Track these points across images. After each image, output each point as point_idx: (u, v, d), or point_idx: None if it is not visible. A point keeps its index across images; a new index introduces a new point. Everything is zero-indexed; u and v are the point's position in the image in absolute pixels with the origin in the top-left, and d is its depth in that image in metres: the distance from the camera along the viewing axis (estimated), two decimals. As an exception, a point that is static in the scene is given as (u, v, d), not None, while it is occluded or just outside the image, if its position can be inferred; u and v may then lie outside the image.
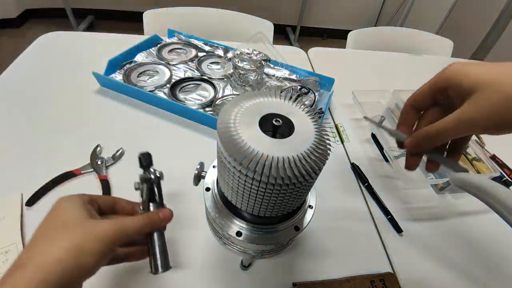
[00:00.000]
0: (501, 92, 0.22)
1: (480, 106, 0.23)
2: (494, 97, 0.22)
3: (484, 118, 0.23)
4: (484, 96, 0.23)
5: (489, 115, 0.22)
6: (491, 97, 0.22)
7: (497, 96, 0.22)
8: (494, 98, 0.22)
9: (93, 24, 2.44)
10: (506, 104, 0.22)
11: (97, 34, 0.84)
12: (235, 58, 0.66)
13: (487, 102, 0.22)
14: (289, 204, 0.25)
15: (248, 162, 0.20)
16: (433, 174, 0.55)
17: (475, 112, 0.23)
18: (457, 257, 0.46)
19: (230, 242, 0.31)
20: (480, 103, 0.23)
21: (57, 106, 0.60)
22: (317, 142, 0.22)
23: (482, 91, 0.23)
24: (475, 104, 0.23)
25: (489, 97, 0.22)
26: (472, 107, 0.23)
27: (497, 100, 0.22)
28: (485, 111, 0.23)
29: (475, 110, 0.23)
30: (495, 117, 0.22)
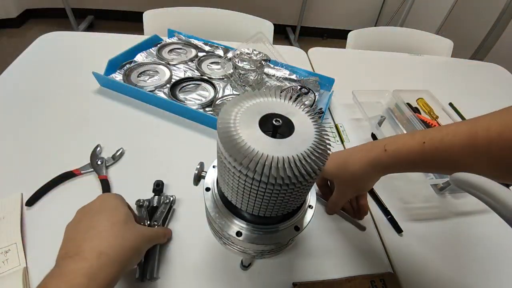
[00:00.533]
0: (340, 178, 0.43)
1: (338, 185, 0.44)
2: (339, 181, 0.44)
3: (345, 191, 0.44)
4: (336, 182, 0.44)
5: (345, 188, 0.44)
6: (339, 181, 0.44)
7: (339, 181, 0.44)
8: (340, 181, 0.44)
9: (93, 24, 2.44)
10: (347, 183, 0.43)
11: (97, 34, 0.84)
12: (235, 58, 0.66)
13: (340, 183, 0.44)
14: (289, 204, 0.25)
15: (248, 162, 0.20)
16: (433, 174, 0.55)
17: (338, 189, 0.44)
18: (457, 257, 0.46)
19: (230, 242, 0.31)
20: (338, 184, 0.44)
21: (57, 106, 0.60)
22: (317, 142, 0.22)
23: (335, 179, 0.44)
24: (336, 185, 0.44)
25: (338, 182, 0.44)
26: (336, 186, 0.44)
27: (342, 182, 0.43)
28: (341, 188, 0.44)
29: (337, 188, 0.44)
30: (348, 189, 0.44)
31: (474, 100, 0.83)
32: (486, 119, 0.31)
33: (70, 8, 2.10)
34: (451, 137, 0.32)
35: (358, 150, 0.42)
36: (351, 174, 0.40)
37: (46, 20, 2.38)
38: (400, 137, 0.38)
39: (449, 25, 2.09)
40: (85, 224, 0.31)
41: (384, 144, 0.38)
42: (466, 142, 0.30)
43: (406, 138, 0.36)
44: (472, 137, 0.30)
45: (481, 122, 0.30)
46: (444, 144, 0.32)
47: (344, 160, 0.41)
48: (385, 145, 0.37)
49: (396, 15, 2.37)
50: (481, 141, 0.29)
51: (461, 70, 1.02)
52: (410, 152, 0.35)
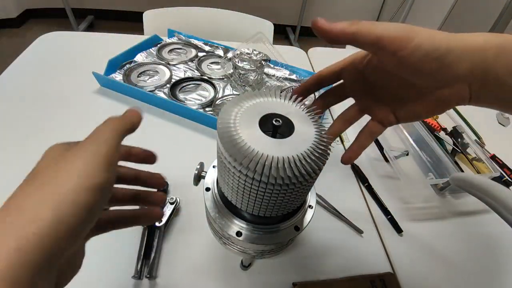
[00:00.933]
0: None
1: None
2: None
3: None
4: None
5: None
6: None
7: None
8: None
9: (93, 24, 2.44)
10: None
11: (97, 34, 0.84)
12: (235, 58, 0.66)
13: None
14: (289, 204, 0.25)
15: (248, 162, 0.20)
16: (433, 174, 0.55)
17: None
18: (457, 257, 0.46)
19: (230, 242, 0.31)
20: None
21: (57, 106, 0.60)
22: (317, 142, 0.22)
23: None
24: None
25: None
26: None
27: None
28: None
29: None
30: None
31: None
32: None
33: (70, 8, 2.10)
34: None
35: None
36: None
37: (46, 20, 2.38)
38: None
39: (449, 25, 2.09)
40: None
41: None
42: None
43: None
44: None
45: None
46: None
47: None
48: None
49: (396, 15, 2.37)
50: None
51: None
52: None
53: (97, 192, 0.17)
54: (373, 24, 0.22)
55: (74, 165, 0.17)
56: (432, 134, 0.59)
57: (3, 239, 0.14)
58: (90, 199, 0.17)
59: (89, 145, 0.19)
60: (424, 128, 0.59)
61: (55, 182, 0.17)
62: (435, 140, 0.57)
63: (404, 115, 0.28)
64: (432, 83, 0.23)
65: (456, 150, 0.60)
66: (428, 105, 0.26)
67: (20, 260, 0.14)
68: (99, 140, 0.20)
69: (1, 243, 0.14)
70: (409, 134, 0.61)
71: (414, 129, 0.62)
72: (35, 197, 0.16)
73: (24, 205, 0.16)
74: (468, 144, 0.59)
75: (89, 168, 0.17)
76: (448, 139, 0.61)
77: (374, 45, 0.22)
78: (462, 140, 0.61)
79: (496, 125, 0.75)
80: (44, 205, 0.16)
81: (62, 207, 0.16)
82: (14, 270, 0.14)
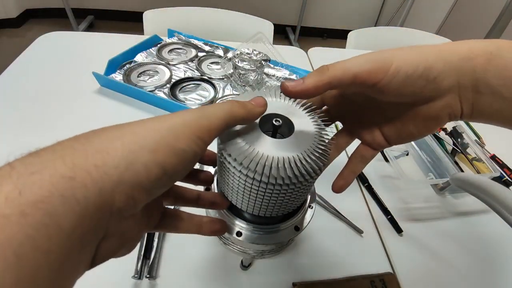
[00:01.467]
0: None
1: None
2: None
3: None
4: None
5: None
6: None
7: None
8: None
9: (93, 24, 2.44)
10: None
11: (97, 34, 0.84)
12: (235, 58, 0.66)
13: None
14: (289, 204, 0.25)
15: (248, 162, 0.20)
16: (433, 174, 0.55)
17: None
18: (457, 257, 0.46)
19: (230, 242, 0.31)
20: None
21: (57, 106, 0.60)
22: (317, 142, 0.22)
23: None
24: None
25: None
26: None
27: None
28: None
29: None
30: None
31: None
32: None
33: (70, 8, 2.10)
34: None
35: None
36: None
37: (46, 20, 2.38)
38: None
39: (449, 25, 2.09)
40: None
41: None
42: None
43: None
44: None
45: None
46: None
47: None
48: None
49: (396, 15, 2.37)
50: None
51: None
52: None
53: (174, 157, 0.16)
54: (344, 64, 0.21)
55: (167, 122, 0.17)
56: (432, 134, 0.59)
57: (53, 165, 0.13)
58: (167, 159, 0.16)
59: (194, 112, 0.18)
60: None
61: (137, 129, 0.16)
62: (435, 140, 0.57)
63: (395, 136, 0.26)
64: (419, 100, 0.22)
65: (456, 150, 0.60)
66: (418, 123, 0.24)
67: (69, 192, 0.13)
68: (206, 112, 0.19)
69: (53, 168, 0.13)
70: (409, 134, 0.61)
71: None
72: (111, 135, 0.15)
73: (95, 140, 0.15)
74: (468, 144, 0.59)
75: (179, 128, 0.17)
76: (448, 139, 0.61)
77: (352, 84, 0.21)
78: (462, 140, 0.61)
79: (496, 125, 0.75)
80: (118, 144, 0.15)
81: (135, 153, 0.15)
82: (53, 199, 0.12)
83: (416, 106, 0.23)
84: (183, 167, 0.17)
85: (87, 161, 0.14)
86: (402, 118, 0.25)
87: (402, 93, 0.21)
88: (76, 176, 0.13)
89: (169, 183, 0.17)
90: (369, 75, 0.21)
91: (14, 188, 0.12)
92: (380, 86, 0.21)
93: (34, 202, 0.12)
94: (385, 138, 0.27)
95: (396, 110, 0.25)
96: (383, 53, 0.21)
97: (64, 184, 0.13)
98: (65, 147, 0.14)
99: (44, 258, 0.12)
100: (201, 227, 0.25)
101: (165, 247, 0.41)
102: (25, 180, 0.12)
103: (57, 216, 0.12)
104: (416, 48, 0.22)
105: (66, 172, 0.13)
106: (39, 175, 0.12)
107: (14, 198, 0.12)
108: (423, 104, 0.23)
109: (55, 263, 0.12)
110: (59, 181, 0.13)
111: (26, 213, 0.12)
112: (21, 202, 0.12)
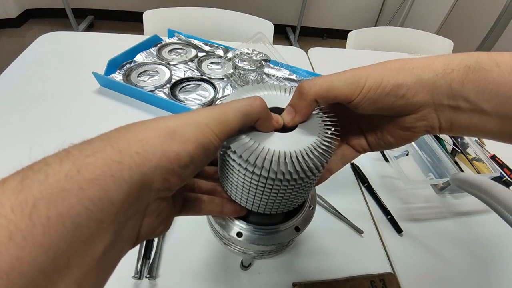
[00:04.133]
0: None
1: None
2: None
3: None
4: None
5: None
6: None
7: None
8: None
9: (93, 24, 2.44)
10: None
11: (97, 34, 0.84)
12: (235, 58, 0.66)
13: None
14: (291, 201, 0.25)
15: (249, 155, 0.20)
16: (433, 174, 0.55)
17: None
18: (457, 257, 0.46)
19: (231, 242, 0.31)
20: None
21: (57, 106, 0.60)
22: (321, 137, 0.22)
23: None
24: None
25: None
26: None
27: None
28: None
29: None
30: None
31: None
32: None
33: (70, 8, 2.10)
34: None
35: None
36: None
37: (46, 20, 2.38)
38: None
39: (449, 25, 2.09)
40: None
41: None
42: None
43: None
44: None
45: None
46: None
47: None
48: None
49: (396, 15, 2.37)
50: None
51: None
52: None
53: (201, 148, 0.18)
54: (326, 85, 0.22)
55: (195, 117, 0.19)
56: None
57: (104, 150, 0.15)
58: (195, 150, 0.18)
59: (214, 110, 0.20)
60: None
61: (170, 123, 0.18)
62: (435, 140, 0.57)
63: (375, 143, 0.27)
64: (392, 113, 0.23)
65: (456, 150, 0.60)
66: (394, 133, 0.25)
67: (116, 175, 0.15)
68: (225, 111, 0.20)
69: (104, 152, 0.15)
70: (409, 134, 0.61)
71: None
72: (150, 127, 0.17)
73: (135, 131, 0.17)
74: (468, 144, 0.59)
75: (203, 126, 0.18)
76: (448, 139, 0.61)
77: (332, 101, 0.23)
78: (462, 140, 0.61)
79: (496, 125, 0.75)
80: (155, 134, 0.17)
81: (169, 143, 0.17)
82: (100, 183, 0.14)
83: (394, 117, 0.24)
84: (206, 157, 0.19)
85: (130, 148, 0.16)
86: (382, 127, 0.26)
87: (374, 108, 0.23)
88: (123, 160, 0.15)
89: (195, 171, 0.19)
90: (346, 97, 0.22)
91: (73, 166, 0.14)
92: (354, 103, 0.23)
93: (91, 179, 0.14)
94: (368, 143, 0.28)
95: (378, 119, 0.26)
96: (358, 73, 0.23)
97: (114, 166, 0.15)
98: (110, 137, 0.16)
99: (97, 228, 0.14)
100: (222, 207, 0.26)
101: (165, 247, 0.41)
102: (82, 161, 0.14)
103: (109, 192, 0.14)
104: (389, 65, 0.23)
105: (114, 157, 0.15)
106: (93, 158, 0.14)
107: (73, 175, 0.14)
108: (399, 117, 0.24)
109: (106, 234, 0.14)
110: (110, 164, 0.15)
111: (84, 188, 0.13)
112: (79, 179, 0.14)
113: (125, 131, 0.17)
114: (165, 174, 0.17)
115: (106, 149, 0.15)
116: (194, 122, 0.18)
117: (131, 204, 0.16)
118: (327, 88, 0.22)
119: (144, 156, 0.16)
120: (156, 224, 0.19)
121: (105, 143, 0.16)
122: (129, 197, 0.15)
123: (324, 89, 0.22)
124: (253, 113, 0.20)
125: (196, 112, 0.19)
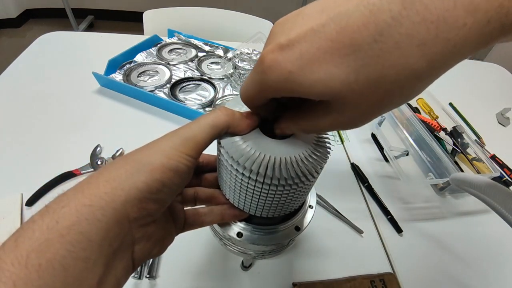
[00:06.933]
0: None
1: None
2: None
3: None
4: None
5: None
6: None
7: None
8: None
9: (93, 24, 2.44)
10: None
11: (97, 34, 0.84)
12: (235, 58, 0.66)
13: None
14: (287, 204, 0.25)
15: (245, 160, 0.20)
16: (433, 174, 0.55)
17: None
18: (457, 257, 0.46)
19: (231, 243, 0.31)
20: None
21: (57, 106, 0.60)
22: (317, 143, 0.22)
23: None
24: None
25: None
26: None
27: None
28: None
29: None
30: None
31: (474, 100, 0.83)
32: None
33: (70, 8, 2.10)
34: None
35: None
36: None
37: (46, 20, 2.38)
38: None
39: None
40: None
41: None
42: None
43: None
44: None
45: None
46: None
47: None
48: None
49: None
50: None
51: (461, 70, 1.01)
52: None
53: (169, 172, 0.19)
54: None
55: (160, 146, 0.21)
56: (432, 134, 0.59)
57: (76, 198, 0.17)
58: (163, 175, 0.19)
59: (181, 130, 0.22)
60: (424, 128, 0.59)
61: (136, 157, 0.20)
62: (435, 140, 0.57)
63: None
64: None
65: (456, 150, 0.60)
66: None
67: (90, 216, 0.17)
68: (191, 131, 0.21)
69: (76, 200, 0.17)
70: (409, 134, 0.61)
71: (414, 129, 0.62)
72: (117, 165, 0.19)
73: (104, 172, 0.19)
74: (468, 144, 0.59)
75: (168, 150, 0.20)
76: (448, 139, 0.61)
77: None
78: (462, 140, 0.61)
79: (496, 125, 0.75)
80: (122, 171, 0.18)
81: (136, 175, 0.18)
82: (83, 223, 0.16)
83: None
84: (179, 179, 0.20)
85: (100, 190, 0.18)
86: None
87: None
88: (93, 203, 0.17)
89: (172, 192, 0.20)
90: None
91: (52, 219, 0.16)
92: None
93: (68, 226, 0.16)
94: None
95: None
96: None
97: (86, 210, 0.17)
98: (82, 183, 0.18)
99: (84, 264, 0.16)
100: (223, 215, 0.27)
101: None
102: (59, 212, 0.16)
103: (86, 233, 0.16)
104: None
105: (85, 201, 0.17)
106: (68, 208, 0.17)
107: (53, 226, 0.16)
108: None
109: (95, 268, 0.16)
110: (81, 209, 0.17)
111: (64, 234, 0.16)
112: (59, 228, 0.16)
113: (97, 175, 0.19)
114: (138, 204, 0.18)
115: (77, 197, 0.17)
116: (159, 149, 0.20)
117: (113, 237, 0.17)
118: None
119: (113, 193, 0.17)
120: (149, 247, 0.21)
121: (77, 191, 0.18)
122: (109, 232, 0.17)
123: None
124: (221, 122, 0.21)
125: (163, 138, 0.21)
